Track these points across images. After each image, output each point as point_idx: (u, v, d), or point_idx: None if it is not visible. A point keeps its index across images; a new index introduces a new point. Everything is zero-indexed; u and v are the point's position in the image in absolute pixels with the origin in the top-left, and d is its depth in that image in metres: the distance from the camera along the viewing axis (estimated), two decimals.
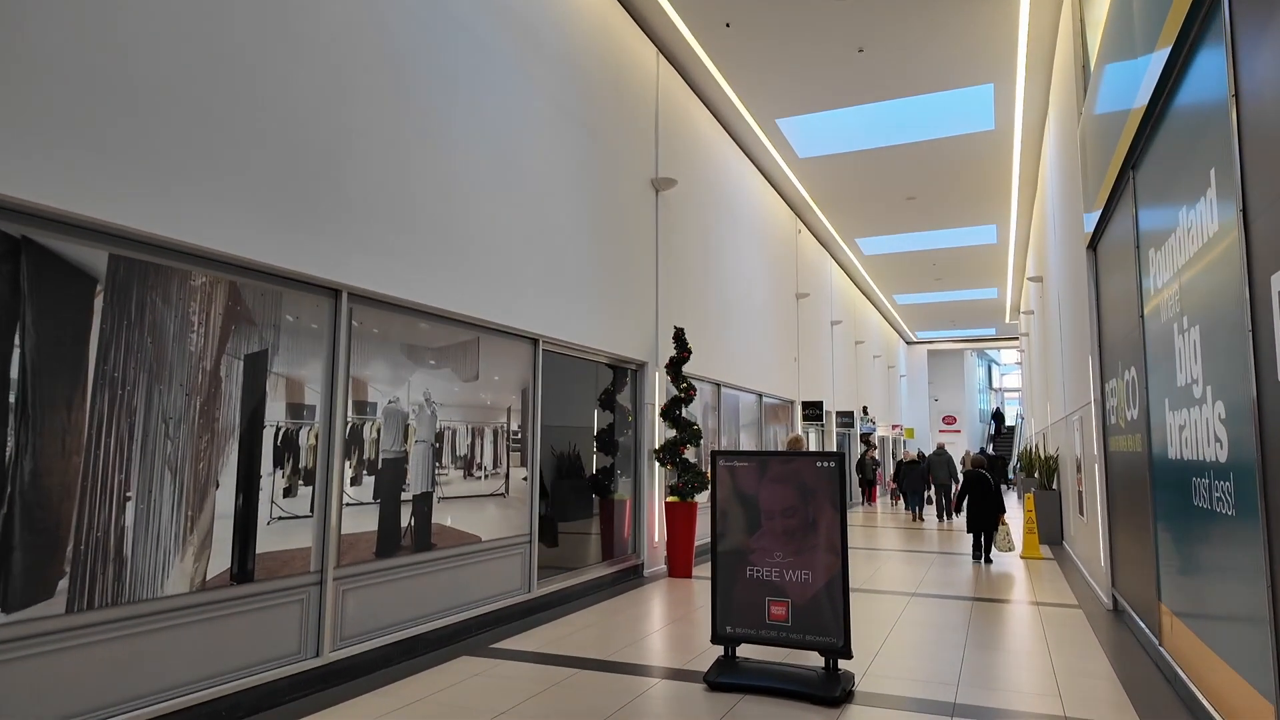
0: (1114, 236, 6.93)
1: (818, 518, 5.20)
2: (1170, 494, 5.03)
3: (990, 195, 16.79)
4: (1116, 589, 7.74)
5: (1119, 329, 6.79)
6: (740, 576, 5.36)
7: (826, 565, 5.15)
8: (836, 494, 5.18)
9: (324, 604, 5.08)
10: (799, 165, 15.12)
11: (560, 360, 8.32)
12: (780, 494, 5.32)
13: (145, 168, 4.04)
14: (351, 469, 5.37)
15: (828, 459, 5.23)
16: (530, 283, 7.41)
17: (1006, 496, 27.13)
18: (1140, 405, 5.87)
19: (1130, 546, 6.77)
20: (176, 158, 4.19)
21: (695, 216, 11.81)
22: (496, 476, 6.90)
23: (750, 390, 14.35)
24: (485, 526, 6.71)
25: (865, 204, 17.39)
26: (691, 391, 9.78)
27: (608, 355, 9.18)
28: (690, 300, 11.44)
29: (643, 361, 9.90)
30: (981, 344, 38.40)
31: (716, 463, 5.52)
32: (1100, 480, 8.10)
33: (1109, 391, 7.57)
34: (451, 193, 6.37)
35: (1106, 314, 7.57)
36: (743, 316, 13.97)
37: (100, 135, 3.83)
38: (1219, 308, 3.73)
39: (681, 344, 9.88)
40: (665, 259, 10.59)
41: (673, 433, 9.96)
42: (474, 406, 6.63)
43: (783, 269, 16.93)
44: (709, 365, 12.09)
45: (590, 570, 8.64)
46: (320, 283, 5.13)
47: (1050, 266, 13.47)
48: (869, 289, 26.44)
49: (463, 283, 6.44)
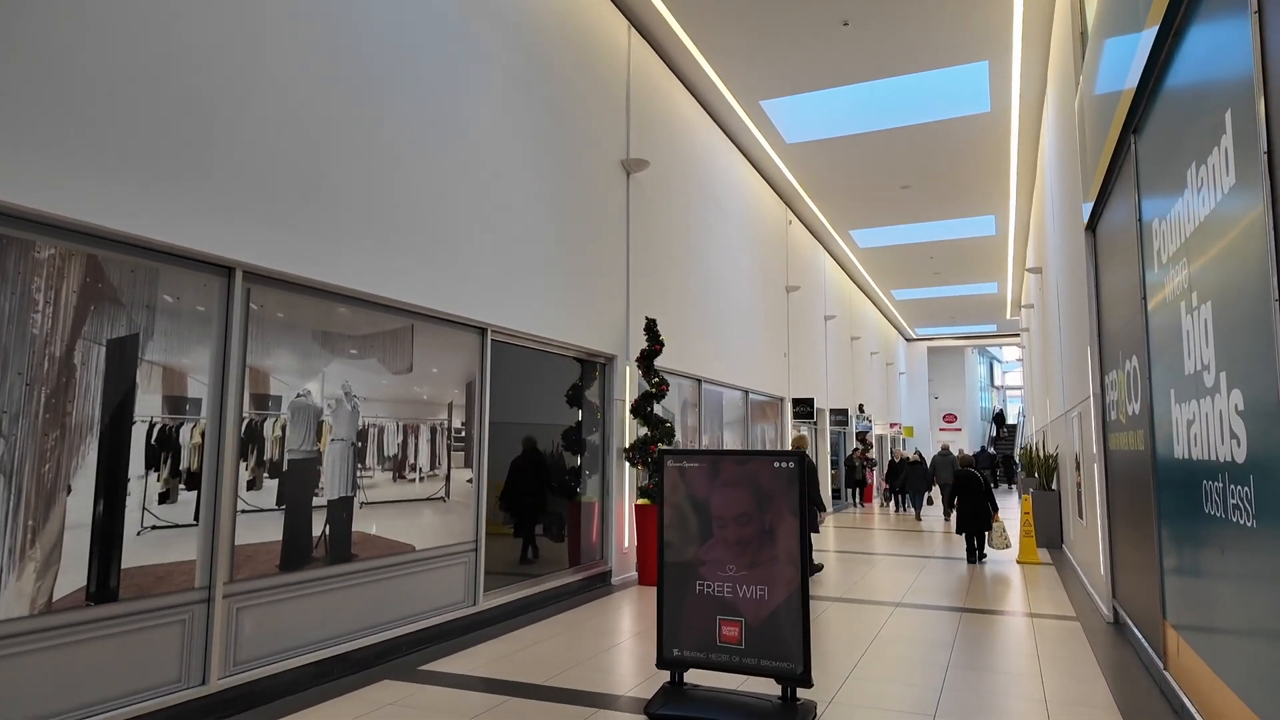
0: (1114, 214, 6.29)
1: (775, 526, 4.58)
2: (1176, 498, 4.39)
3: (988, 184, 16.14)
4: (1117, 600, 7.11)
5: (1120, 315, 6.16)
6: (689, 592, 4.73)
7: (785, 579, 4.52)
8: (796, 499, 4.55)
9: (211, 625, 4.46)
10: (787, 151, 14.49)
11: (520, 353, 7.71)
12: (733, 499, 4.70)
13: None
14: (249, 471, 4.75)
15: (786, 459, 4.60)
16: (478, 267, 6.79)
17: (1008, 496, 26.46)
18: (1143, 398, 5.24)
19: (1132, 554, 6.14)
20: (15, 106, 3.57)
21: (673, 202, 11.18)
22: (434, 479, 6.28)
23: (735, 387, 13.73)
24: (420, 534, 6.09)
25: (858, 193, 16.75)
26: (664, 387, 9.16)
27: (571, 348, 8.56)
28: (666, 290, 10.82)
29: (612, 355, 9.28)
30: (982, 341, 37.72)
31: (664, 463, 4.89)
32: (1099, 481, 7.46)
33: (1109, 384, 6.94)
34: (379, 162, 5.75)
35: (1106, 300, 6.94)
36: (727, 309, 13.35)
37: None
38: (1237, 277, 3.10)
39: (653, 336, 9.26)
40: (638, 246, 9.97)
41: (644, 430, 9.34)
42: (407, 401, 6.02)
43: (772, 261, 16.30)
44: (689, 360, 11.47)
45: (552, 578, 8.02)
46: (208, 259, 4.52)
47: (1049, 255, 12.83)
48: (865, 284, 25.80)
49: (393, 264, 5.82)
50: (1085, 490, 8.88)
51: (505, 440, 7.48)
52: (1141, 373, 5.23)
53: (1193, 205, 3.75)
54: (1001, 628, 6.92)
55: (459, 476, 6.57)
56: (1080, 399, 8.82)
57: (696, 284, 11.96)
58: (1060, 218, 10.28)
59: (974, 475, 11.09)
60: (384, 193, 5.77)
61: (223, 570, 4.53)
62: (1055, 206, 10.98)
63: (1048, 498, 13.12)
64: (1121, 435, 6.30)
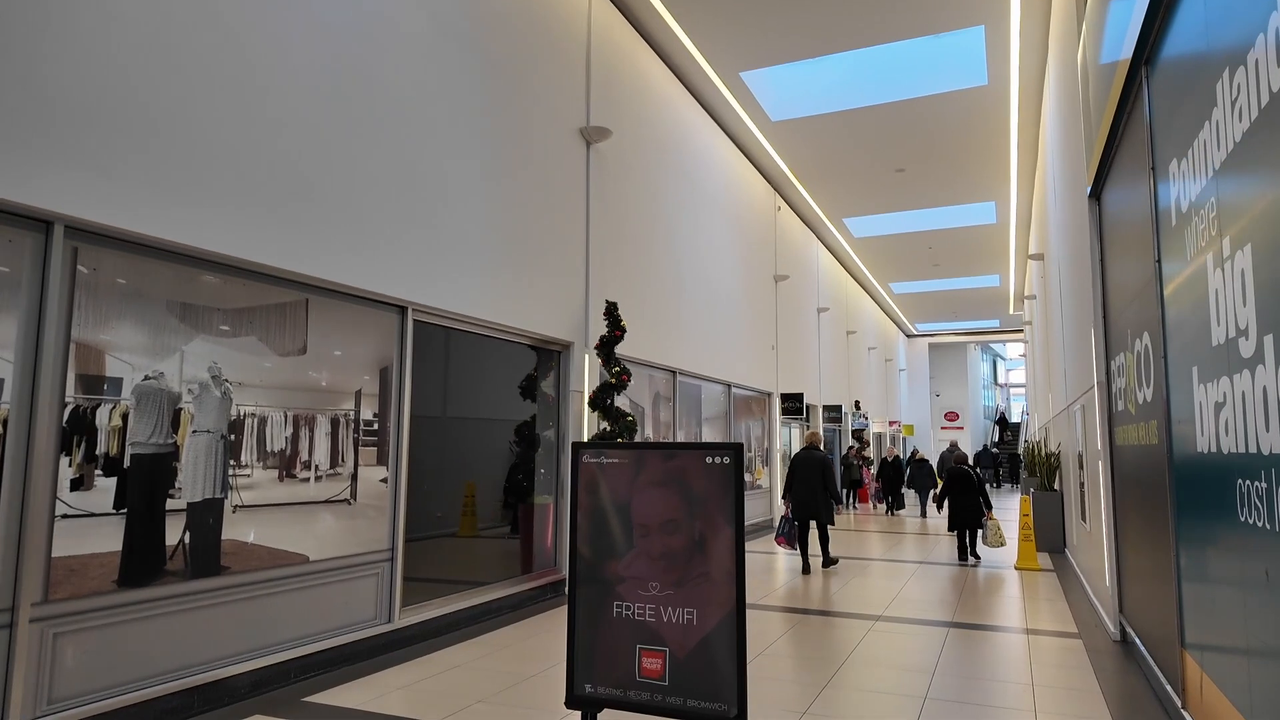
0: (1121, 171, 5.45)
1: (707, 535, 3.74)
2: (1200, 502, 3.55)
3: (987, 167, 15.27)
4: (1124, 615, 6.27)
5: (1128, 288, 5.32)
6: (605, 615, 3.90)
7: (718, 601, 3.69)
8: (733, 503, 3.72)
9: (13, 653, 3.65)
10: (773, 130, 13.63)
11: (460, 339, 6.90)
12: (659, 502, 3.86)
13: None
14: (75, 468, 3.93)
15: (720, 453, 3.77)
16: (396, 236, 5.97)
17: (1011, 496, 25.57)
18: (1156, 382, 4.40)
19: (1142, 565, 5.30)
20: None
21: (642, 177, 10.34)
22: (337, 478, 5.46)
23: (716, 380, 12.89)
24: (316, 542, 5.27)
25: (850, 177, 15.89)
26: (625, 377, 8.33)
27: (519, 333, 7.74)
28: (634, 273, 9.98)
29: (568, 342, 8.46)
30: (984, 337, 36.81)
31: (579, 458, 4.06)
32: (1105, 481, 6.61)
33: (1115, 370, 6.09)
34: (259, 108, 4.92)
35: (1113, 274, 6.09)
36: (708, 297, 12.51)
37: None
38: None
39: (614, 321, 8.43)
40: (600, 223, 9.14)
41: (604, 425, 8.51)
42: (299, 388, 5.19)
43: (760, 249, 15.46)
44: (661, 350, 10.64)
45: (498, 588, 7.20)
46: (14, 209, 3.70)
47: (1050, 236, 11.96)
48: (862, 276, 24.93)
49: (283, 229, 5.00)
50: (1088, 491, 8.03)
51: (436, 435, 6.66)
52: (1155, 351, 4.39)
53: (1225, 126, 2.91)
54: (993, 648, 6.07)
55: (370, 475, 5.75)
56: (1084, 389, 7.97)
57: (670, 268, 11.12)
58: (1062, 192, 9.42)
59: (967, 473, 10.86)
60: (266, 146, 4.95)
61: (31, 588, 3.71)
62: (1056, 182, 10.13)
63: (1049, 499, 12.26)
64: (1130, 428, 5.45)
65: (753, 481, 14.66)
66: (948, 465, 18.65)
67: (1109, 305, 6.32)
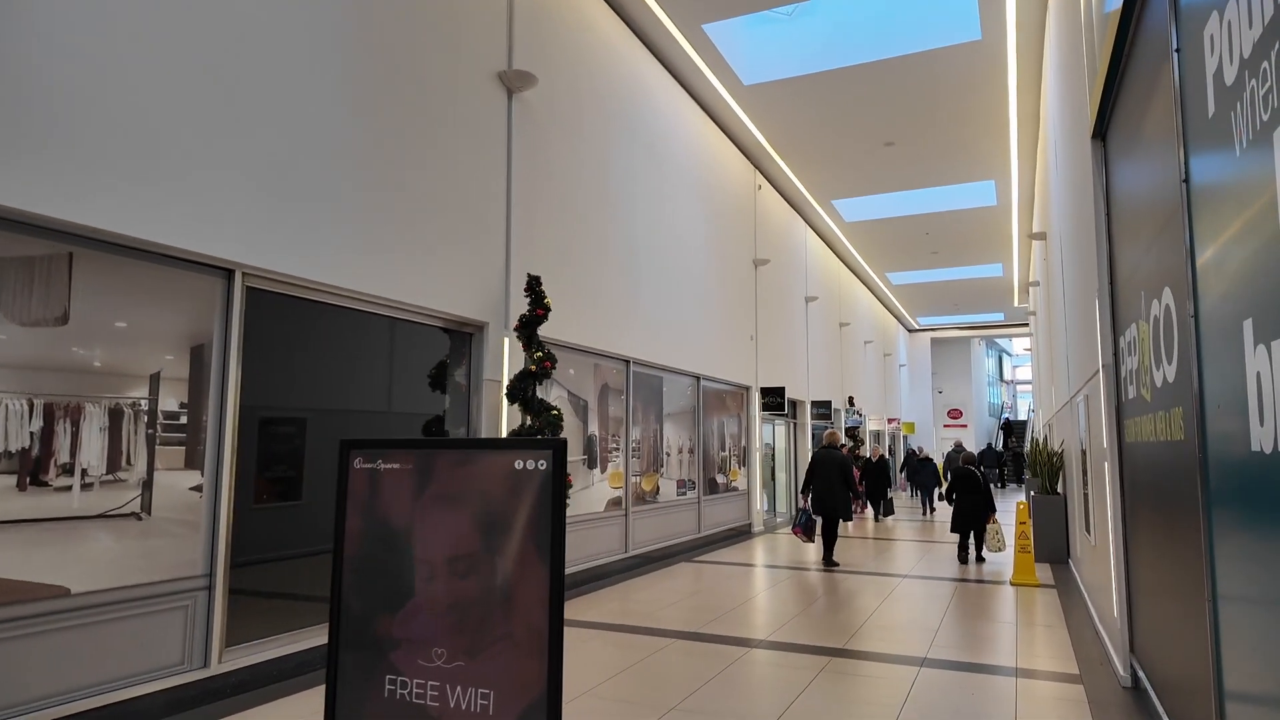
0: (1133, 89, 4.19)
1: (513, 579, 2.52)
2: (1251, 516, 2.31)
3: (984, 139, 13.98)
4: (1137, 656, 5.02)
5: (1141, 238, 4.07)
6: (375, 695, 2.68)
7: (521, 680, 2.47)
8: (549, 529, 2.50)
9: None
10: (747, 96, 12.38)
11: (337, 316, 5.71)
12: (448, 527, 2.64)
13: None
14: None
15: (534, 455, 2.55)
16: (220, 180, 4.76)
17: (1015, 495, 24.23)
18: (1182, 354, 3.15)
19: (1161, 594, 4.05)
20: None
21: (584, 139, 9.12)
22: (119, 485, 4.25)
23: (681, 371, 11.66)
24: (85, 569, 4.06)
25: (836, 152, 14.62)
26: (548, 364, 7.11)
27: (417, 310, 6.53)
28: (574, 248, 8.76)
29: (481, 322, 7.24)
30: (988, 331, 35.45)
31: (348, 462, 2.84)
32: (1112, 486, 5.36)
33: (1125, 348, 4.84)
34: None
35: (1121, 221, 4.84)
36: (673, 280, 11.28)
37: None
38: None
39: (536, 297, 7.21)
40: (526, 186, 7.92)
41: (526, 419, 7.28)
42: (55, 369, 3.99)
43: (738, 230, 14.21)
44: (610, 336, 9.41)
45: None
46: None
47: (1052, 203, 10.68)
48: (856, 265, 23.63)
49: (29, 162, 3.80)
50: (1093, 497, 6.77)
51: (294, 434, 5.46)
52: (1180, 311, 3.15)
53: None
54: (971, 699, 4.83)
55: (175, 483, 4.54)
56: (1087, 376, 6.71)
57: (623, 245, 9.90)
58: (1062, 148, 8.15)
59: (972, 473, 10.54)
60: (6, 55, 3.75)
61: None
62: (1056, 135, 8.85)
63: (1051, 503, 10.98)
64: (1145, 420, 4.20)
65: (727, 483, 13.43)
66: (954, 465, 18.09)
67: (1116, 266, 5.06)
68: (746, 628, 6.69)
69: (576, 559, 8.58)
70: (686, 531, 11.62)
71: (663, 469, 10.99)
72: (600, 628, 6.66)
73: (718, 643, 6.17)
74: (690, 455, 11.97)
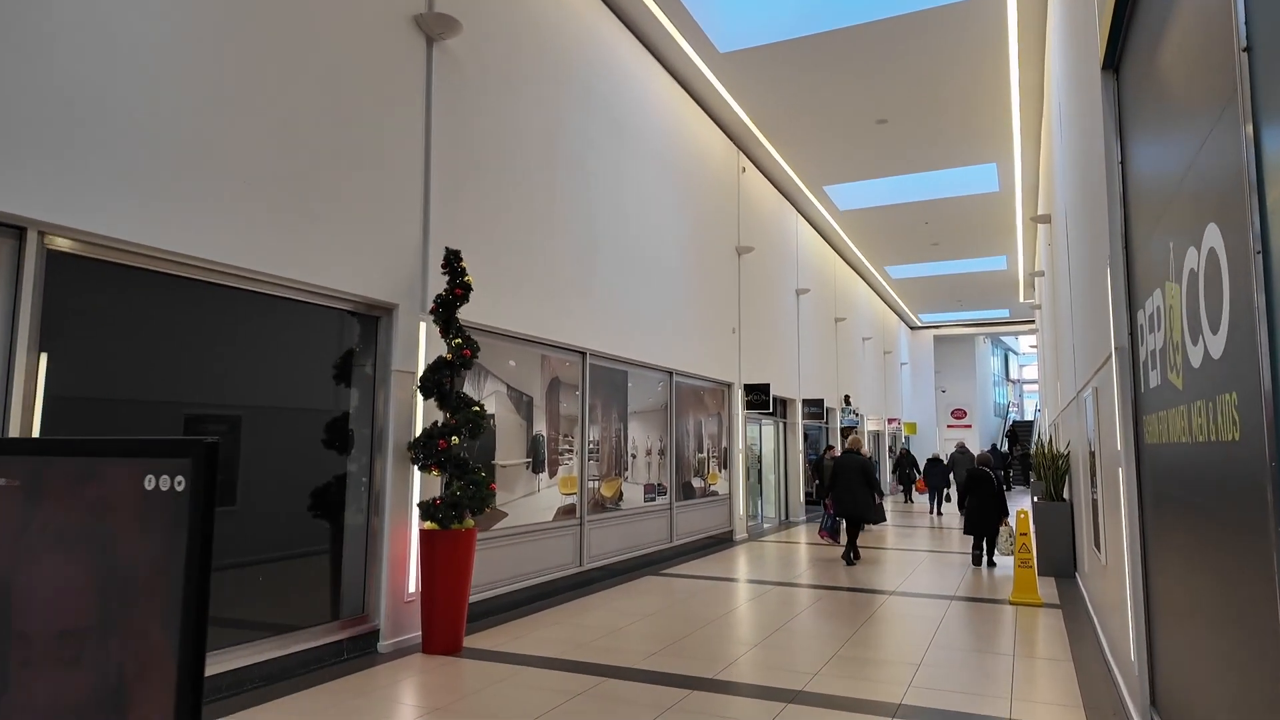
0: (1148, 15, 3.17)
1: (129, 667, 1.52)
2: None
3: (984, 115, 12.94)
4: (1160, 710, 3.99)
5: (1172, 161, 3.05)
6: None
7: None
8: (180, 584, 1.49)
9: None
10: (723, 65, 11.38)
11: (209, 296, 4.74)
12: (57, 580, 1.64)
13: None
14: None
15: (168, 467, 1.54)
16: (11, 113, 3.79)
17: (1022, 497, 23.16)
18: (1237, 317, 2.14)
19: (1196, 633, 3.04)
20: None
21: (525, 98, 8.13)
22: None
23: (650, 365, 10.66)
24: None
25: (824, 130, 13.60)
26: (466, 352, 6.12)
27: (306, 288, 5.55)
28: (515, 225, 7.77)
29: (389, 304, 6.26)
30: (993, 329, 34.33)
31: None
32: (1128, 498, 4.34)
33: (1145, 324, 3.82)
34: None
35: (1138, 159, 3.82)
36: (641, 266, 10.29)
37: None
38: None
39: (455, 274, 6.23)
40: (451, 149, 6.94)
41: (445, 417, 6.30)
42: None
43: (719, 215, 13.20)
44: (562, 325, 8.43)
45: (267, 647, 5.03)
46: None
47: (1057, 183, 9.64)
48: (853, 257, 22.59)
49: None
50: (1103, 509, 5.75)
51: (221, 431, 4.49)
52: (1233, 252, 2.14)
53: None
54: None
55: None
56: (1097, 364, 5.69)
57: (580, 225, 8.90)
58: (1068, 89, 7.13)
59: (987, 475, 10.25)
60: None
61: None
62: (1060, 72, 7.82)
63: (1056, 511, 9.95)
64: (1174, 414, 3.18)
65: (705, 487, 12.41)
66: (963, 466, 18.40)
67: (1133, 223, 4.04)
68: (695, 661, 5.69)
69: (516, 576, 7.59)
70: (656, 541, 10.62)
71: (627, 473, 9.99)
72: (520, 661, 5.67)
73: (656, 682, 5.17)
74: (661, 458, 10.97)
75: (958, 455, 19.12)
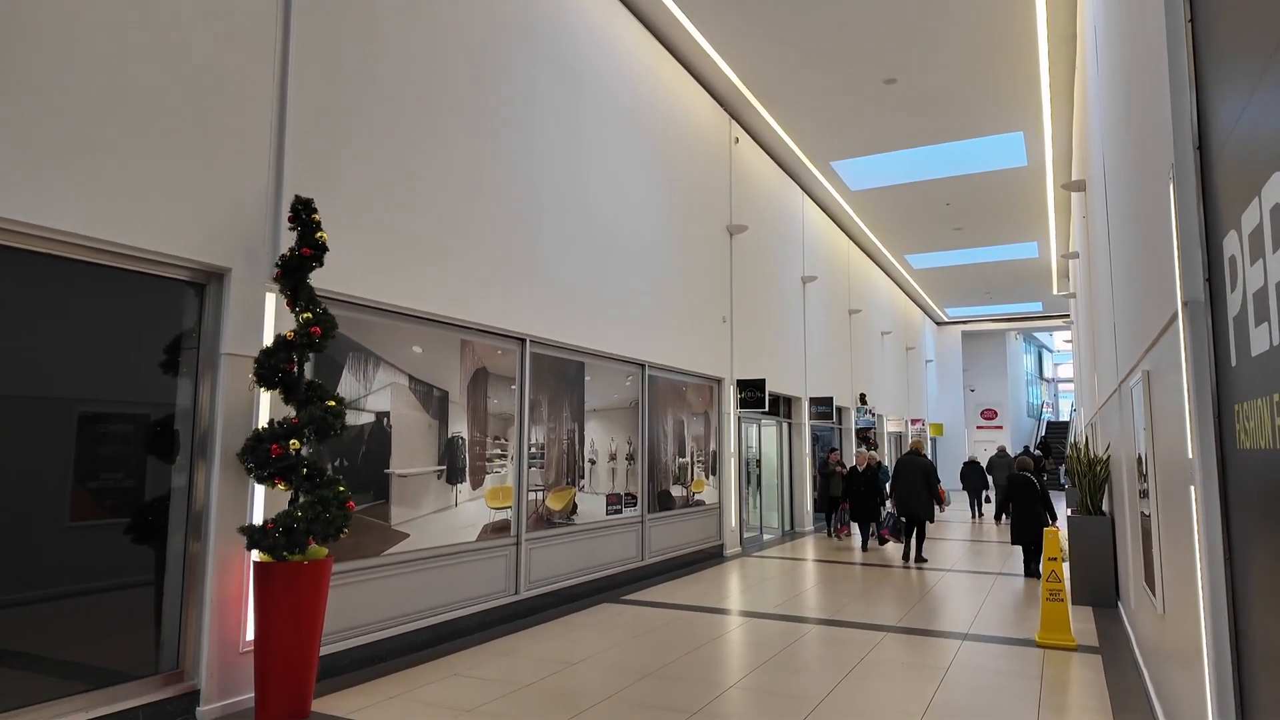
0: None
1: None
2: None
3: (1007, 69, 11.32)
4: None
5: None
6: None
7: None
8: None
9: None
10: (702, 13, 9.92)
11: None
12: None
13: None
14: None
15: None
16: None
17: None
18: None
19: None
20: None
21: (434, 22, 6.74)
22: None
23: (618, 357, 9.22)
24: None
25: (823, 91, 12.05)
26: (316, 330, 4.73)
27: (94, 244, 4.19)
28: (411, 174, 6.39)
29: (218, 268, 4.89)
30: (1025, 324, 32.37)
31: None
32: (1202, 528, 2.81)
33: (1239, 253, 2.29)
34: None
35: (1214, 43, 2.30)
36: (599, 239, 8.86)
37: None
38: None
39: (306, 229, 4.85)
40: (320, 76, 5.57)
41: (291, 414, 4.91)
42: None
43: (706, 188, 11.72)
44: (490, 304, 7.03)
45: (34, 713, 3.71)
46: None
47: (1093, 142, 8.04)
48: (869, 243, 20.94)
49: None
50: (1161, 533, 4.20)
51: None
52: None
53: None
54: None
55: None
56: (1149, 340, 4.14)
57: (520, 188, 7.50)
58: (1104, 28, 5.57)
59: (1029, 480, 9.66)
60: None
61: None
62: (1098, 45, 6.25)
63: (1094, 527, 8.34)
64: None
65: (688, 496, 10.93)
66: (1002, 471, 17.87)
67: (1210, 109, 2.52)
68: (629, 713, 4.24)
69: (419, 612, 6.18)
70: (621, 560, 9.17)
71: (583, 481, 8.55)
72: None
73: None
74: (630, 463, 9.52)
75: (996, 459, 19.21)
